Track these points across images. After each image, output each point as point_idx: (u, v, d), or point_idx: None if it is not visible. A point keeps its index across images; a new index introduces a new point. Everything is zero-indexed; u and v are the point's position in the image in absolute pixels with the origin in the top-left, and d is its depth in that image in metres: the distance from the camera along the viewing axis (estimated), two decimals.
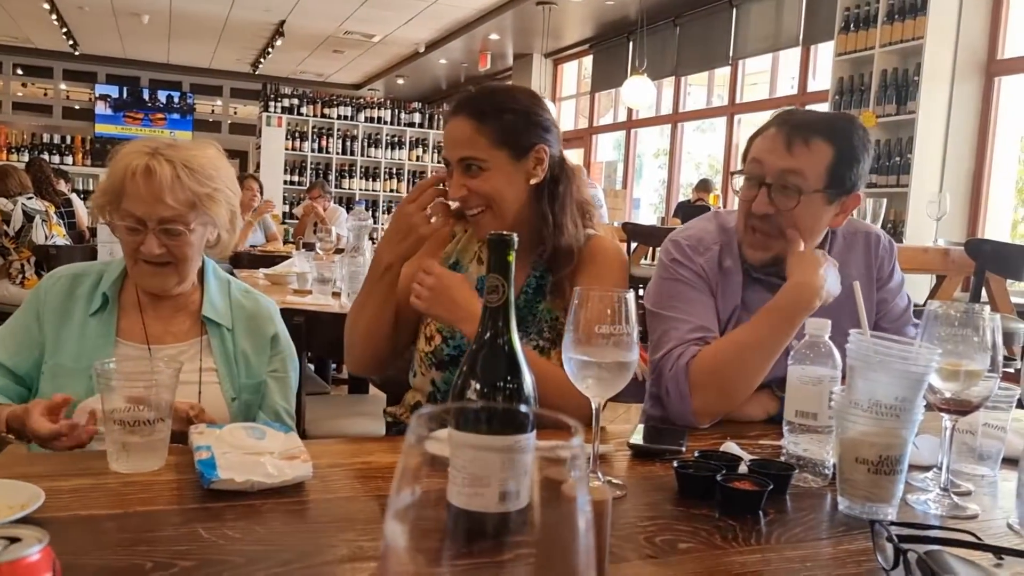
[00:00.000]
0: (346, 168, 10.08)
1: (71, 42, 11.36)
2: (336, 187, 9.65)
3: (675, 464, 1.13)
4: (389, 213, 9.55)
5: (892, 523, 0.98)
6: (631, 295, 1.05)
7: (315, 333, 2.46)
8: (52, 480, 0.98)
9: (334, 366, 4.33)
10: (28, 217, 5.09)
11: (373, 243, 3.32)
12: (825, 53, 6.63)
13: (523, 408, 0.55)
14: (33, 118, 12.84)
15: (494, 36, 9.46)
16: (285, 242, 6.60)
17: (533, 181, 1.54)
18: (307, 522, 0.98)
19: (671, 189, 8.73)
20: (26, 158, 8.11)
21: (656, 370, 1.55)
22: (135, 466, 1.08)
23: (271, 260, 4.54)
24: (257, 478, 1.01)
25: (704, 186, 7.81)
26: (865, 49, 5.72)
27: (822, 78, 6.82)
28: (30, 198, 5.21)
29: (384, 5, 8.49)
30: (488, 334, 0.93)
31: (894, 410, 1.05)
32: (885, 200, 4.10)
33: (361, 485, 1.11)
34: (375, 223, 8.39)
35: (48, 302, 1.52)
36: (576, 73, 10.59)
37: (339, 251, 4.30)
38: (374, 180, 10.16)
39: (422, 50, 10.33)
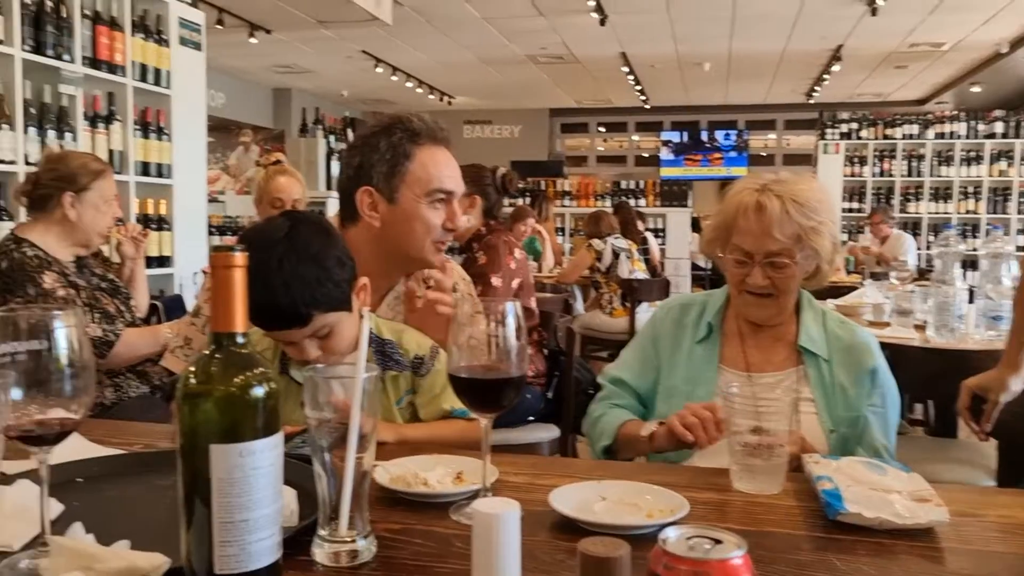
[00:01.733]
0: (911, 191, 9.34)
1: (643, 97, 12.76)
2: (900, 211, 8.99)
3: None
4: (968, 238, 8.54)
5: None
6: None
7: (899, 368, 2.32)
8: (687, 491, 1.08)
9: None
10: (615, 254, 5.85)
11: (963, 270, 3.01)
12: None
13: None
14: (612, 168, 14.75)
15: None
16: (848, 272, 6.38)
17: None
18: (947, 571, 0.91)
19: None
20: (606, 203, 9.33)
21: None
22: (757, 487, 1.14)
23: (838, 291, 4.43)
24: (887, 516, 0.98)
25: None
26: None
27: None
28: (617, 238, 6.00)
29: (957, 7, 7.67)
30: None
31: None
32: None
33: (1000, 541, 1.00)
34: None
35: (662, 330, 1.70)
36: None
37: (915, 280, 4.00)
38: (945, 201, 9.20)
39: (1004, 50, 9.05)
